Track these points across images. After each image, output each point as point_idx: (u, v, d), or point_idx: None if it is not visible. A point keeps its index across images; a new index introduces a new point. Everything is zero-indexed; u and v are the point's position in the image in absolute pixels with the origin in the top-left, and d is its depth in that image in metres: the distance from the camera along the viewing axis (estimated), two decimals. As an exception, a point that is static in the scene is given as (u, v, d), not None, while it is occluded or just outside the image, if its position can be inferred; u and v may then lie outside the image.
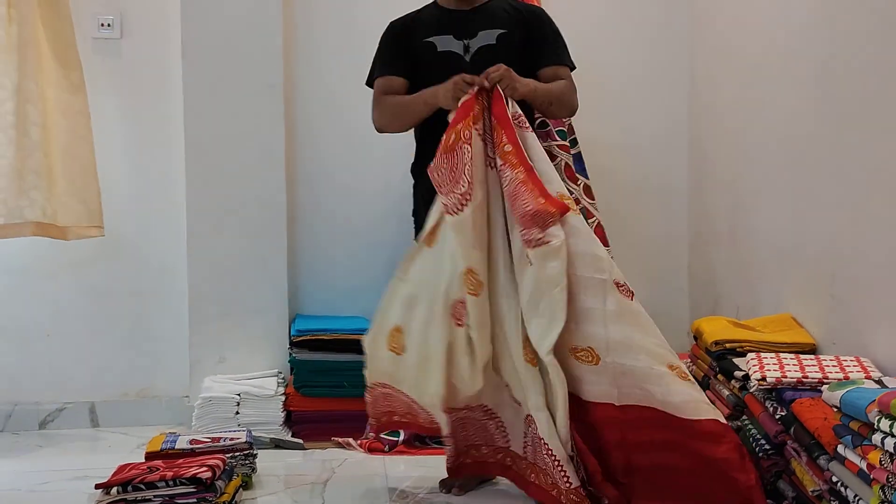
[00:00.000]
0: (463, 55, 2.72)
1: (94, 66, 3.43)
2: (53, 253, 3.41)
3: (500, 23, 2.78)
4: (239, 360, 3.43)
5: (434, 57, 2.74)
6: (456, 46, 2.75)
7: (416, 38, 2.78)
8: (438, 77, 2.64)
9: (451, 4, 2.82)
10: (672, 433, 2.36)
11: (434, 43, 2.76)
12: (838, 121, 2.73)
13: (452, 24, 2.77)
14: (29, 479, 2.86)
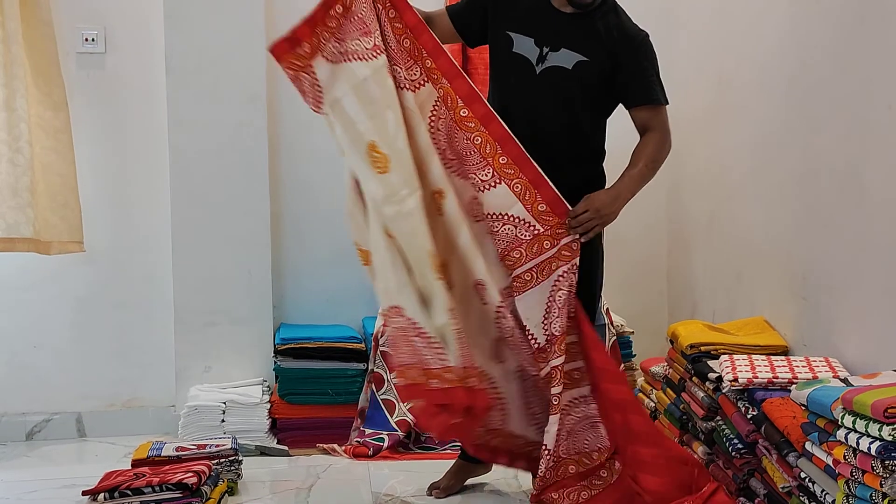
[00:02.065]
0: (535, 64, 2.55)
1: (78, 81, 3.48)
2: (39, 264, 3.44)
3: (588, 47, 2.55)
4: (224, 368, 3.47)
5: (506, 55, 2.57)
6: (531, 53, 2.55)
7: (501, 21, 2.58)
8: (504, 77, 2.60)
9: (560, 5, 2.57)
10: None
11: (512, 39, 2.56)
12: (808, 129, 2.80)
13: (542, 25, 2.55)
14: (17, 488, 2.89)
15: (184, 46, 3.43)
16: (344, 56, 2.50)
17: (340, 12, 2.49)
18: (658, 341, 3.66)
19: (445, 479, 2.77)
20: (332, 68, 2.50)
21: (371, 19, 2.48)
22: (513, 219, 2.51)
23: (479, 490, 2.80)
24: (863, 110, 2.51)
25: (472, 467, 2.81)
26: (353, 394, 3.37)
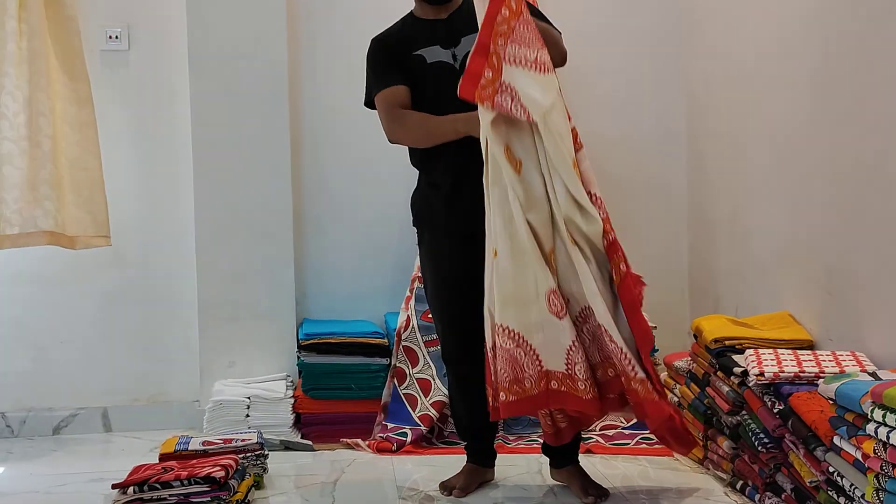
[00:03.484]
0: (453, 63, 2.71)
1: (102, 78, 3.51)
2: (65, 262, 3.48)
3: (475, 24, 2.61)
4: (248, 364, 3.50)
5: (425, 69, 2.71)
6: (444, 56, 2.70)
7: (405, 52, 2.74)
8: (433, 89, 2.68)
9: (428, 14, 2.76)
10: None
11: (423, 56, 2.72)
12: (832, 121, 2.79)
13: (435, 35, 2.73)
14: (45, 481, 2.92)
15: (206, 43, 3.46)
16: (524, 63, 2.45)
17: (507, 16, 2.46)
18: (680, 336, 3.66)
19: (461, 479, 2.77)
20: (515, 72, 2.43)
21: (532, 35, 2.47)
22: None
23: (502, 485, 2.80)
24: (889, 102, 2.49)
25: (483, 471, 2.82)
26: (377, 389, 3.39)
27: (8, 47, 3.28)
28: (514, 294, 2.46)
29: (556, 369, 2.45)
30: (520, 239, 2.45)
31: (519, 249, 2.46)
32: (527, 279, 2.46)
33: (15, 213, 3.27)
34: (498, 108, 2.42)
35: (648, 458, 3.08)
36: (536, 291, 2.45)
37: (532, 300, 2.45)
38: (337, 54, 3.66)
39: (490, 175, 2.49)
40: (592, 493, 2.65)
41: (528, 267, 2.45)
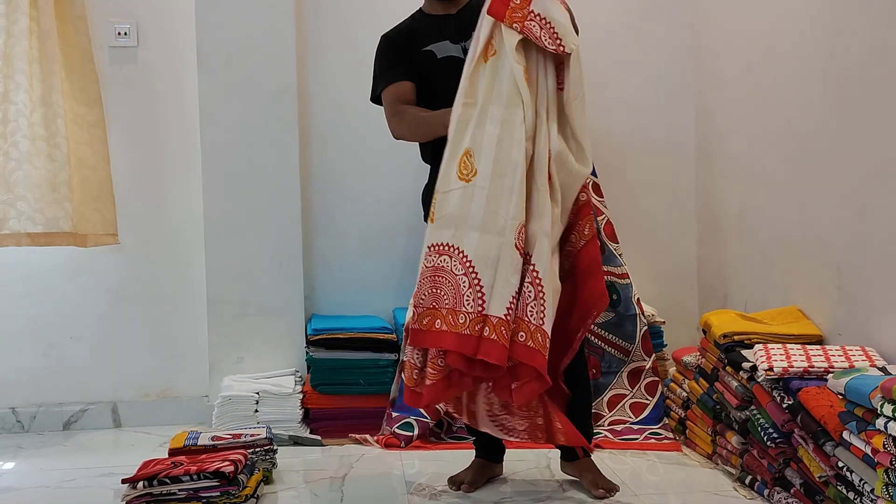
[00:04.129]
0: (463, 57, 2.68)
1: (111, 74, 3.53)
2: (75, 258, 3.50)
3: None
4: (257, 359, 3.51)
5: (436, 65, 2.72)
6: (455, 51, 2.71)
7: (415, 49, 2.74)
8: (444, 84, 2.66)
9: (437, 10, 2.78)
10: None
11: (433, 51, 2.72)
12: (843, 115, 2.78)
13: (445, 30, 2.74)
14: (56, 476, 2.94)
15: (215, 40, 3.46)
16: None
17: None
18: (689, 331, 3.66)
19: (470, 474, 2.77)
20: (546, 2, 2.42)
21: None
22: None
23: (511, 480, 2.81)
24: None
25: (491, 466, 2.82)
26: (385, 384, 3.39)
27: (21, 44, 3.30)
28: (482, 219, 2.36)
29: (494, 314, 2.34)
30: (511, 163, 2.37)
31: (503, 173, 2.37)
32: (499, 207, 2.36)
33: (37, 213, 3.31)
34: (527, 32, 2.39)
35: (657, 454, 3.08)
36: (505, 224, 2.36)
37: (499, 231, 2.36)
38: (345, 49, 3.67)
39: (493, 92, 2.42)
40: (603, 487, 2.65)
41: (507, 195, 2.36)
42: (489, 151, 2.39)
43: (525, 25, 2.40)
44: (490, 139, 2.39)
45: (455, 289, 2.37)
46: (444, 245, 2.41)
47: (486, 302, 2.35)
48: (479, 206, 2.37)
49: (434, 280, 2.40)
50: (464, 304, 2.36)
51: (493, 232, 2.36)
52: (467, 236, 2.38)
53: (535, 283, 2.37)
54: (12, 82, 3.31)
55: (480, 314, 2.35)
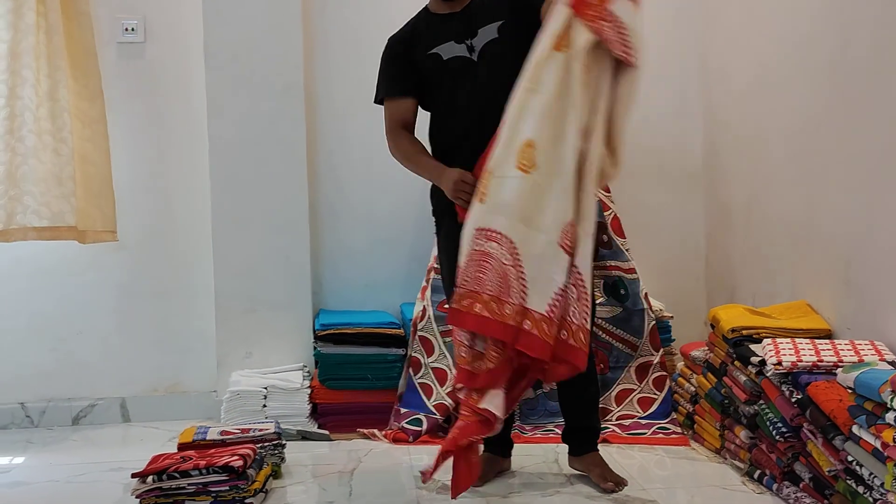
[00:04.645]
0: (470, 56, 2.69)
1: (118, 70, 3.53)
2: (83, 253, 3.51)
3: (494, 14, 2.69)
4: (265, 354, 3.51)
5: (442, 67, 2.69)
6: (460, 50, 2.68)
7: (420, 52, 2.72)
8: (451, 84, 2.67)
9: (442, 9, 2.74)
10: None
11: (439, 53, 2.69)
12: (850, 109, 2.77)
13: (450, 29, 2.71)
14: (66, 471, 2.95)
15: (222, 36, 3.47)
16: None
17: None
18: (697, 326, 3.65)
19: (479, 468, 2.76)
20: (625, 7, 2.36)
21: None
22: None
23: (519, 474, 2.81)
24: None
25: (500, 461, 2.83)
26: (393, 379, 3.40)
27: (28, 40, 3.31)
28: (536, 215, 2.37)
29: (535, 309, 2.37)
30: (569, 162, 2.37)
31: (561, 171, 2.37)
32: (553, 205, 2.37)
33: (43, 207, 3.32)
34: (597, 32, 2.34)
35: (665, 448, 3.08)
36: (554, 222, 2.37)
37: (548, 228, 2.37)
38: (352, 46, 3.66)
39: (564, 87, 2.38)
40: (611, 481, 2.65)
41: (563, 194, 2.37)
42: (552, 148, 2.37)
43: (598, 24, 2.35)
44: (555, 136, 2.37)
45: (502, 278, 2.38)
46: (495, 232, 2.40)
47: (527, 296, 2.38)
48: (534, 200, 2.38)
49: (480, 264, 2.40)
50: (510, 294, 2.38)
51: (542, 229, 2.38)
52: (519, 228, 2.38)
53: (578, 283, 2.42)
54: (19, 78, 3.32)
55: (522, 306, 2.38)
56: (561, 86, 2.39)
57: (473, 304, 2.40)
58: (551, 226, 2.38)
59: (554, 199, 2.38)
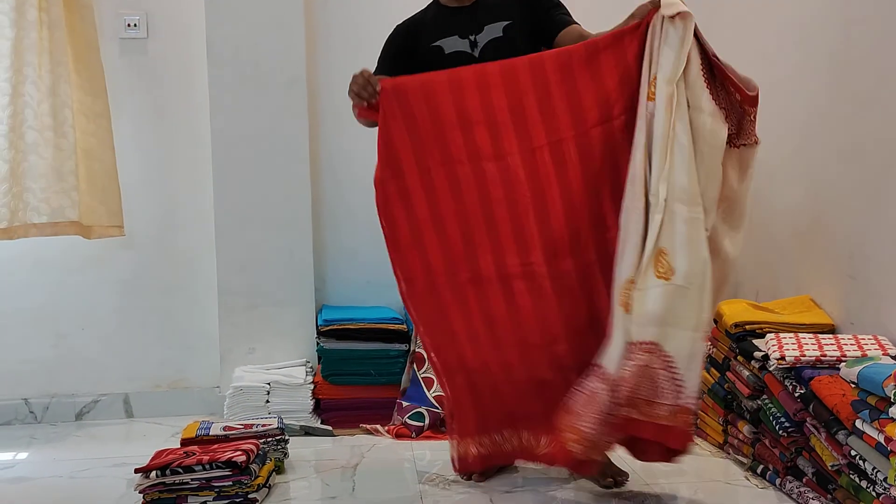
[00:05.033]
0: (471, 52, 2.69)
1: (121, 66, 3.53)
2: (86, 249, 3.51)
3: (503, 13, 2.70)
4: (268, 350, 3.51)
5: (443, 60, 2.68)
6: (462, 45, 2.69)
7: (422, 43, 2.72)
8: None
9: (452, 2, 2.74)
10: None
11: (441, 46, 2.70)
12: (854, 103, 2.76)
13: (456, 24, 2.71)
14: (70, 466, 2.95)
15: (224, 31, 3.46)
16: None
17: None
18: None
19: None
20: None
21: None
22: None
23: (522, 470, 2.81)
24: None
25: None
26: (396, 374, 3.40)
27: (31, 36, 3.31)
28: (685, 317, 2.33)
29: (688, 404, 2.34)
30: (701, 261, 2.34)
31: (696, 272, 2.33)
32: (698, 304, 2.33)
33: (42, 203, 3.32)
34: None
35: (668, 443, 3.07)
36: (701, 319, 2.35)
37: (696, 327, 2.33)
38: (354, 39, 3.66)
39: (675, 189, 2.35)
40: (611, 477, 2.65)
41: (702, 292, 2.34)
42: (682, 250, 2.35)
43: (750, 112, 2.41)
44: (681, 238, 2.35)
45: (652, 382, 2.36)
46: (647, 343, 2.35)
47: (682, 393, 2.35)
48: (681, 304, 2.34)
49: (640, 376, 2.35)
50: (660, 396, 2.35)
51: (691, 328, 2.35)
52: (670, 334, 2.35)
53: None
54: (21, 75, 3.31)
55: (678, 405, 2.34)
56: (676, 188, 2.36)
57: (631, 413, 2.35)
58: (701, 323, 2.36)
59: (701, 298, 2.34)
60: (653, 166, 2.35)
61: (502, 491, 2.63)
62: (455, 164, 2.54)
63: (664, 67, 2.35)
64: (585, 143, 2.47)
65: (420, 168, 2.58)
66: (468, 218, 2.55)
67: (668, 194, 2.34)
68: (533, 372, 2.54)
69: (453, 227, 2.57)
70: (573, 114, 2.47)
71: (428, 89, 2.54)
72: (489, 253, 2.54)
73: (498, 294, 2.55)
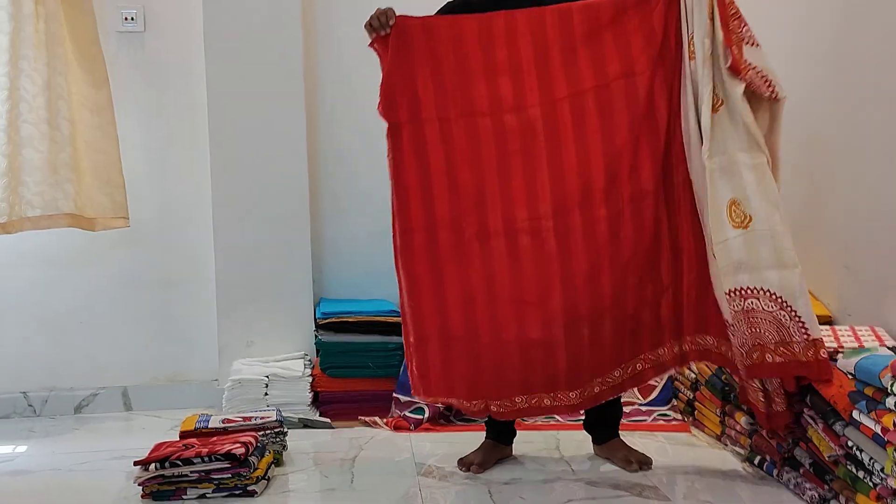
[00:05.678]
0: None
1: (118, 60, 3.52)
2: (84, 243, 3.51)
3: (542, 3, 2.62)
4: (266, 343, 3.52)
5: None
6: None
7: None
8: None
9: None
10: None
11: None
12: (852, 95, 2.76)
13: (498, 5, 2.62)
14: (68, 459, 2.95)
15: (221, 24, 3.46)
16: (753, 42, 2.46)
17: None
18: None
19: (479, 455, 2.77)
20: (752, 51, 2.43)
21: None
22: None
23: (520, 461, 2.82)
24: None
25: (501, 448, 2.83)
26: (394, 367, 3.40)
27: (26, 30, 3.30)
28: (776, 258, 2.38)
29: (819, 336, 2.37)
30: (773, 202, 2.39)
31: (772, 213, 2.38)
32: (784, 242, 2.39)
33: (36, 196, 3.31)
34: (749, 82, 2.39)
35: (666, 435, 3.08)
36: (793, 255, 2.39)
37: (793, 263, 2.39)
38: (353, 31, 3.60)
39: (736, 141, 2.41)
40: (635, 462, 2.68)
41: (784, 230, 2.39)
42: (755, 197, 2.40)
43: (748, 76, 2.39)
44: (751, 186, 2.40)
45: (778, 324, 2.38)
46: (745, 290, 2.40)
47: (808, 329, 2.38)
48: (767, 247, 2.39)
49: (750, 321, 2.40)
50: (792, 335, 2.38)
51: (789, 266, 2.39)
52: (767, 276, 2.39)
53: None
54: (17, 69, 3.30)
55: (809, 340, 2.37)
56: (736, 140, 2.41)
57: (763, 356, 2.40)
58: (794, 258, 2.40)
59: (785, 236, 2.39)
60: (703, 124, 2.40)
61: (501, 482, 2.64)
62: (476, 116, 2.54)
63: (698, 26, 2.41)
64: (605, 96, 2.51)
65: (440, 116, 2.56)
66: (483, 171, 2.55)
67: (726, 146, 2.38)
68: (522, 331, 2.55)
69: (467, 180, 2.56)
70: (595, 67, 2.51)
71: (457, 35, 2.55)
72: (499, 207, 2.54)
73: (502, 249, 2.55)
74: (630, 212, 2.55)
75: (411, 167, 2.59)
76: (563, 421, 3.19)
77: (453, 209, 2.57)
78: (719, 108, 2.42)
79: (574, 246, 2.53)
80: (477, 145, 2.55)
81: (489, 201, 2.55)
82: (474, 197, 2.56)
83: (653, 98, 2.52)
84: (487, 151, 2.55)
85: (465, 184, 2.56)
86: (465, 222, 2.57)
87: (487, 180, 2.55)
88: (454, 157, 2.56)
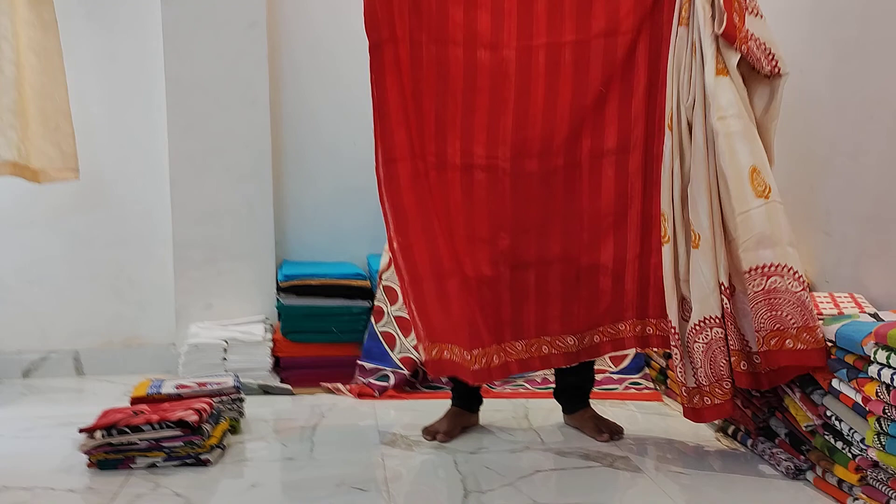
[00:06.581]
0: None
1: (70, 6, 3.33)
2: (33, 199, 3.34)
3: None
4: (225, 306, 3.39)
5: None
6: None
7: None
8: None
9: None
10: None
11: None
12: (834, 56, 2.68)
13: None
14: (13, 425, 2.81)
15: (179, -30, 3.28)
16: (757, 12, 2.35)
17: None
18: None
19: (445, 423, 2.68)
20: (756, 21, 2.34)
21: None
22: None
23: (487, 430, 2.73)
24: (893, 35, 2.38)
25: (467, 415, 2.75)
26: (358, 332, 3.29)
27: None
28: (790, 234, 2.28)
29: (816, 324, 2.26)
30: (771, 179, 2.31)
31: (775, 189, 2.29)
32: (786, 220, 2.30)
33: None
34: (747, 53, 2.30)
35: (636, 403, 3.01)
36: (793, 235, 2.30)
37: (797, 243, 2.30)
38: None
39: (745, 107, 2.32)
40: (606, 432, 2.61)
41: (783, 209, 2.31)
42: (768, 167, 2.32)
43: (747, 46, 2.29)
44: (762, 155, 2.31)
45: (801, 306, 2.24)
46: (767, 266, 2.26)
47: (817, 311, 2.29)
48: (784, 221, 2.29)
49: (771, 303, 2.25)
50: (814, 318, 2.25)
51: (794, 244, 2.29)
52: (788, 252, 2.27)
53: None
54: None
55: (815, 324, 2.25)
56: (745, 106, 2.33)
57: (783, 342, 2.24)
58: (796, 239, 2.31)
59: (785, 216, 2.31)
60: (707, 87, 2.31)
61: (467, 452, 2.54)
62: (448, 44, 2.45)
63: None
64: (583, 52, 2.45)
65: (412, 38, 2.44)
66: (446, 101, 2.46)
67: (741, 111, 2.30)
68: (477, 267, 2.49)
69: (429, 107, 2.46)
70: (579, 20, 2.44)
71: None
72: (458, 139, 2.47)
73: (456, 183, 2.48)
74: (588, 167, 2.50)
75: (393, 90, 2.43)
76: (533, 389, 3.11)
77: (415, 136, 2.46)
78: (725, 75, 2.32)
79: (528, 192, 2.49)
80: (445, 75, 2.46)
81: (449, 132, 2.47)
82: (434, 125, 2.47)
83: (634, 60, 2.46)
84: (454, 83, 2.46)
85: (428, 110, 2.46)
86: (425, 150, 2.47)
87: (451, 111, 2.47)
88: (420, 82, 2.45)
